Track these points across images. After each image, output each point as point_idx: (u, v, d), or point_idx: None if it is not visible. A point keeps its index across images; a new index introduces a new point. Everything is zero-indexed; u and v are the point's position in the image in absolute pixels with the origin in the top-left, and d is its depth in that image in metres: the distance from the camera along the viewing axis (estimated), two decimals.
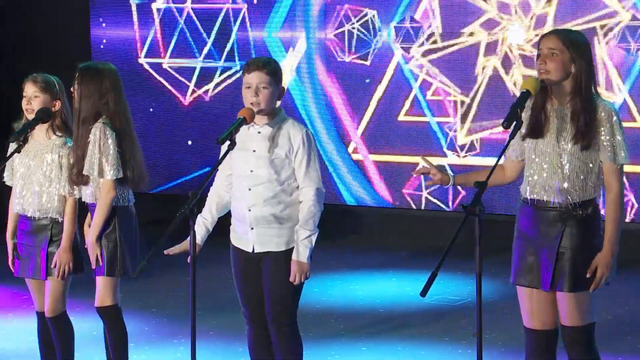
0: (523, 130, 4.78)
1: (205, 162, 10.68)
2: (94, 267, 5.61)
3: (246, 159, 5.18)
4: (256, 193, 5.15)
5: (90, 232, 5.57)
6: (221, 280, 5.43)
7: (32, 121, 5.62)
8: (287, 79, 10.13)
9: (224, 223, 5.36)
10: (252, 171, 5.16)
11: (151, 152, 10.68)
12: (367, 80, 10.08)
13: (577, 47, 4.75)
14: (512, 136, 4.67)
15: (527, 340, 4.95)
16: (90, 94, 5.57)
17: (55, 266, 5.63)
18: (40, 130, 5.72)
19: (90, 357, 6.31)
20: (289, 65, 10.29)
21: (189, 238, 4.81)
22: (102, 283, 5.62)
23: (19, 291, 8.11)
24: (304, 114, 10.33)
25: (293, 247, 5.17)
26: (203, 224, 5.29)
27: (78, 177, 5.59)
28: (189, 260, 4.74)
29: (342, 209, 10.24)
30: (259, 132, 5.17)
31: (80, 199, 5.70)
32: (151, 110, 11.02)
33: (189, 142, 10.89)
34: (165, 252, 5.15)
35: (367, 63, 10.09)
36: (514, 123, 4.62)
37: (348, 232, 10.38)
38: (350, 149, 10.28)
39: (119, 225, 5.61)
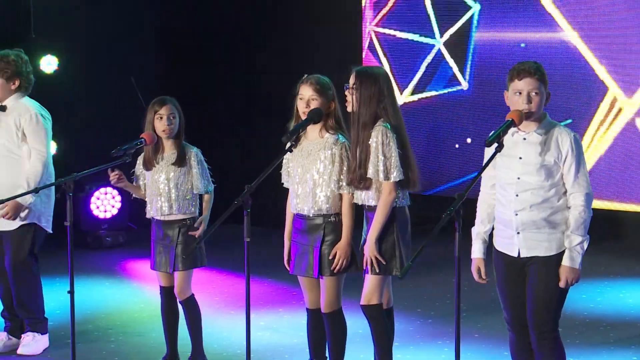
0: None
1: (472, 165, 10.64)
2: (367, 266, 5.68)
3: (511, 165, 5.13)
4: (523, 199, 5.10)
5: (370, 233, 5.62)
6: (487, 282, 5.38)
7: (304, 122, 5.73)
8: None
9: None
10: (519, 178, 5.11)
11: (422, 154, 10.75)
12: None
13: None
14: None
15: None
16: (369, 98, 5.62)
17: (331, 258, 5.75)
18: (313, 130, 5.84)
19: (357, 355, 6.40)
20: None
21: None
22: (372, 282, 5.68)
23: (290, 287, 8.34)
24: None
25: (561, 252, 5.09)
26: (481, 237, 5.29)
27: (360, 182, 5.65)
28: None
29: (611, 214, 9.94)
30: (525, 139, 5.11)
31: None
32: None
33: (456, 146, 10.86)
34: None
35: None
36: None
37: (619, 238, 10.08)
38: None
39: (397, 226, 5.65)
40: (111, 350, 7.06)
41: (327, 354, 6.01)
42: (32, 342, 6.88)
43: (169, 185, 6.34)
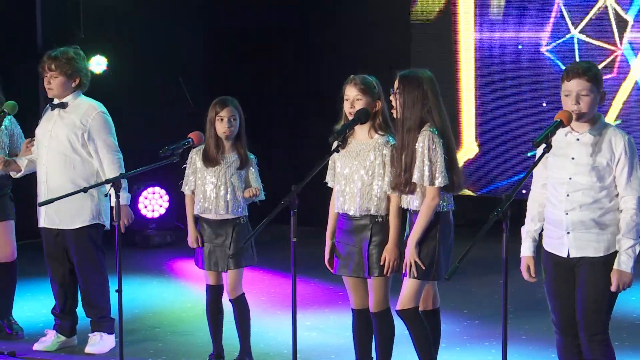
0: None
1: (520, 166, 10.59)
2: (405, 270, 5.66)
3: (564, 165, 5.10)
4: (574, 199, 5.07)
5: (411, 237, 5.61)
6: (535, 283, 5.35)
7: (351, 122, 5.73)
8: None
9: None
10: (570, 178, 5.08)
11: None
12: None
13: None
14: None
15: None
16: (413, 102, 5.60)
17: (382, 263, 5.74)
18: (362, 130, 5.83)
19: (404, 356, 6.39)
20: None
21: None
22: (409, 286, 5.66)
23: (336, 287, 8.34)
24: None
25: (611, 254, 5.05)
26: (531, 235, 5.26)
27: (405, 186, 5.64)
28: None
29: None
30: (578, 140, 5.07)
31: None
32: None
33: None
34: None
35: None
36: None
37: None
38: None
39: (439, 231, 5.62)
40: (158, 348, 7.10)
41: (373, 355, 6.01)
42: (100, 342, 6.91)
43: (225, 186, 6.36)
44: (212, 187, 6.38)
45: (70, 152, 6.79)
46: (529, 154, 10.28)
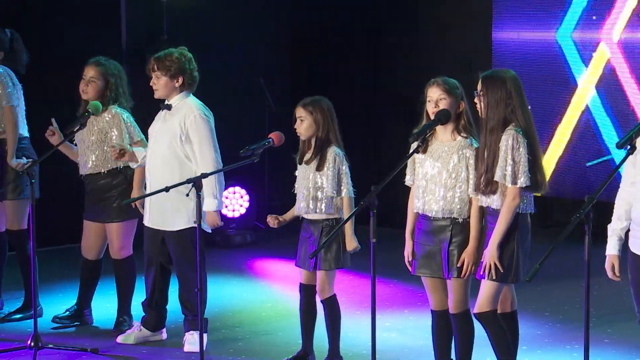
0: None
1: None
2: (485, 271, 5.61)
3: None
4: None
5: (492, 239, 5.56)
6: (620, 285, 5.28)
7: (431, 123, 5.71)
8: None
9: None
10: None
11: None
12: None
13: None
14: None
15: None
16: (496, 102, 5.56)
17: (459, 265, 5.72)
18: (445, 132, 5.81)
19: (483, 357, 6.35)
20: None
21: None
22: (487, 289, 5.62)
23: (415, 288, 8.32)
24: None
25: None
26: (617, 234, 5.20)
27: (487, 187, 5.60)
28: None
29: None
30: None
31: None
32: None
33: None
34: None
35: None
36: None
37: None
38: None
39: (518, 233, 5.58)
40: (238, 347, 7.15)
41: (452, 356, 5.98)
42: (198, 341, 6.92)
43: (310, 185, 6.39)
44: (299, 187, 6.45)
45: (169, 155, 6.80)
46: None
